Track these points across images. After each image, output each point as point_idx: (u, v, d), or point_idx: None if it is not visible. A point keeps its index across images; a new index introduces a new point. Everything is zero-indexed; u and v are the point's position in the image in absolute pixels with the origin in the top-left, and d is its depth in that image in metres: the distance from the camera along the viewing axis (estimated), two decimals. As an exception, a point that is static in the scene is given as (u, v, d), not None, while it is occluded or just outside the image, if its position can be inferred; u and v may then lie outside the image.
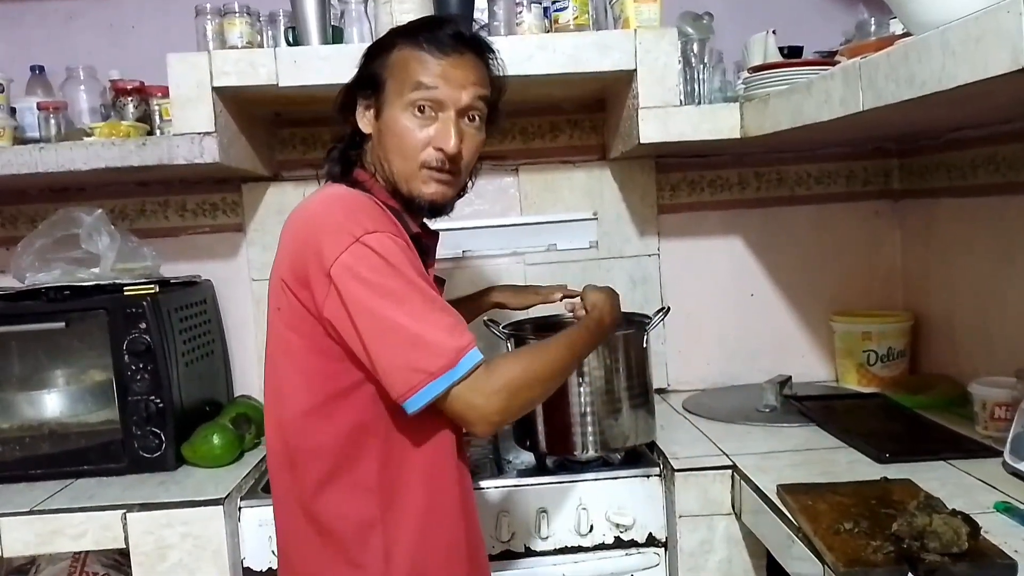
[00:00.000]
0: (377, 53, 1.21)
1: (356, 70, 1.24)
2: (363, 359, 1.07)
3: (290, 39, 1.82)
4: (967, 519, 1.06)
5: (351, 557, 1.13)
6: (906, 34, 1.26)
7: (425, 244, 1.25)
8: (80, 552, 1.72)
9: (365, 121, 1.21)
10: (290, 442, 1.16)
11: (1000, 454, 1.39)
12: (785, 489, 1.33)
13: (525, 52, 1.70)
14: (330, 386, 1.12)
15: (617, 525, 1.58)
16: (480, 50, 1.21)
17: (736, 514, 1.54)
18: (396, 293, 1.04)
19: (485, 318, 1.68)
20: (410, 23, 1.23)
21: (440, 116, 1.16)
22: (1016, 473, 1.33)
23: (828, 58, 1.73)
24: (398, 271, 1.05)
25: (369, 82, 1.20)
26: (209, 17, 1.82)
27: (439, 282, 1.31)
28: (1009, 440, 1.36)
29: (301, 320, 1.11)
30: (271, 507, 1.52)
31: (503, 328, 1.67)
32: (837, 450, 1.59)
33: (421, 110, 1.16)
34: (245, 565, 1.55)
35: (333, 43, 1.78)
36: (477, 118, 1.20)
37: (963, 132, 1.84)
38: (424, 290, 1.07)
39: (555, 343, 1.20)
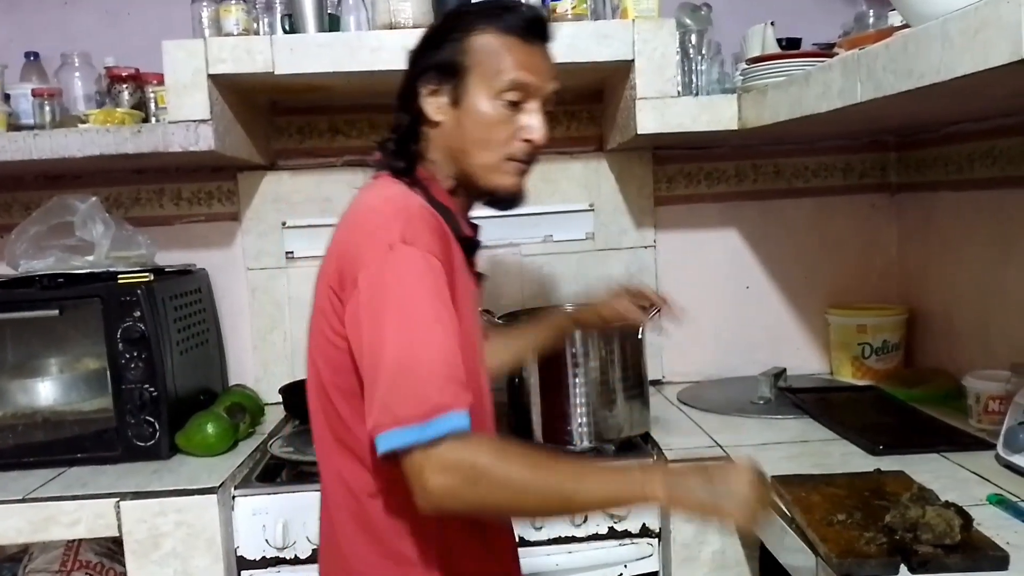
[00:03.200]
0: (449, 36, 1.11)
1: (417, 53, 1.14)
2: (360, 369, 0.99)
3: (286, 26, 1.81)
4: (960, 511, 1.07)
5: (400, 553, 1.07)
6: (905, 26, 1.25)
7: (473, 242, 1.19)
8: (74, 540, 1.72)
9: (434, 109, 1.11)
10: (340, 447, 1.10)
11: (993, 447, 1.40)
12: (779, 481, 1.33)
13: (523, 41, 1.69)
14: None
15: (611, 516, 1.58)
16: (549, 38, 1.16)
17: (730, 505, 1.54)
18: (407, 316, 0.95)
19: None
20: (484, 4, 1.14)
21: (526, 106, 1.11)
22: (1009, 466, 1.34)
23: (826, 50, 1.73)
24: (419, 294, 0.96)
25: (443, 67, 1.10)
26: (205, 4, 1.81)
27: (480, 277, 1.24)
28: (1002, 433, 1.36)
29: (334, 324, 1.05)
30: (265, 496, 1.55)
31: (498, 318, 1.67)
32: (831, 442, 1.59)
33: (512, 100, 1.09)
34: (239, 554, 1.55)
35: (330, 31, 1.77)
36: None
37: (961, 126, 1.84)
38: (436, 324, 0.95)
39: (571, 466, 0.98)
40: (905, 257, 2.17)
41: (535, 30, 1.12)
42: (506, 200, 1.15)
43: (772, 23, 1.89)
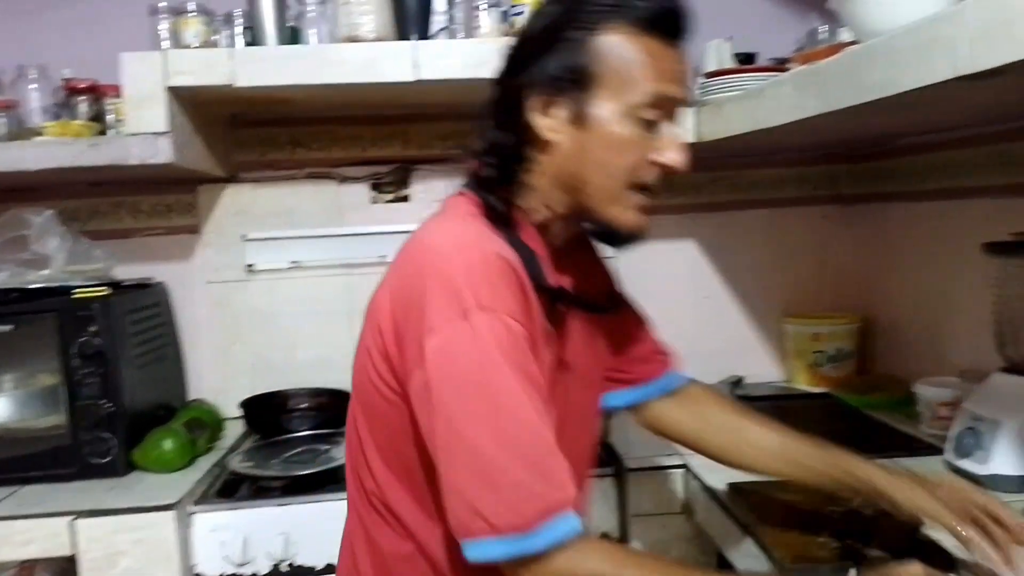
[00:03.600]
0: (568, 33, 0.89)
1: (520, 52, 0.93)
2: (431, 453, 0.85)
3: (247, 39, 1.81)
4: (910, 516, 1.09)
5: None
6: (855, 42, 1.29)
7: (557, 293, 0.97)
8: (27, 561, 1.68)
9: (547, 127, 0.91)
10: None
11: (943, 452, 1.43)
12: (735, 488, 1.36)
13: (484, 56, 1.70)
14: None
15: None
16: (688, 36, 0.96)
17: (688, 513, 1.56)
18: (493, 401, 0.80)
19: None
20: None
21: (664, 124, 0.92)
22: (958, 470, 1.37)
23: (781, 65, 1.77)
24: (504, 372, 0.80)
25: (563, 76, 0.89)
26: (164, 16, 1.80)
27: (614, 301, 1.13)
28: (951, 438, 1.40)
29: (382, 371, 0.92)
30: (224, 512, 1.53)
31: None
32: (788, 450, 1.61)
33: (649, 119, 0.90)
34: (197, 571, 1.53)
35: (291, 44, 1.77)
36: None
37: (910, 139, 1.89)
38: (527, 407, 0.81)
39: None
40: (858, 267, 2.22)
41: (677, 26, 0.92)
42: (627, 238, 0.97)
43: (729, 38, 1.93)
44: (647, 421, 1.25)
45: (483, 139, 0.96)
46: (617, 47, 0.88)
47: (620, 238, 0.97)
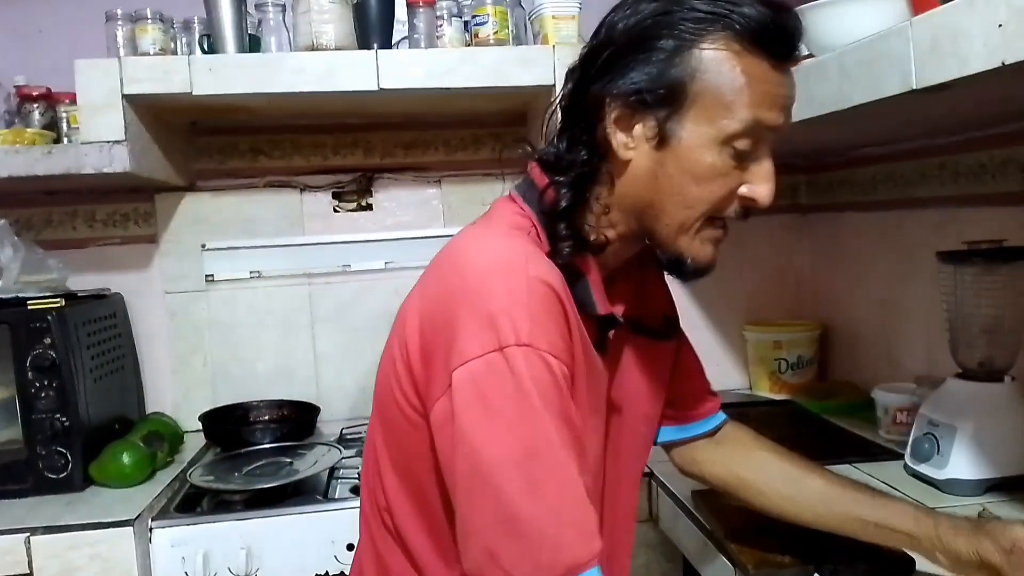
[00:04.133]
0: (659, 40, 0.79)
1: (599, 57, 0.83)
2: (449, 489, 0.79)
3: (205, 47, 1.79)
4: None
5: None
6: (809, 56, 1.32)
7: (609, 321, 0.90)
8: (-21, 579, 1.64)
9: (625, 144, 0.83)
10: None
11: (902, 457, 1.46)
12: (700, 495, 1.37)
13: (447, 65, 1.71)
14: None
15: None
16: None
17: (653, 520, 1.57)
18: (523, 445, 0.73)
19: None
20: (705, 3, 0.79)
21: (758, 156, 0.84)
22: (916, 475, 1.40)
23: (739, 77, 1.79)
24: (538, 416, 0.73)
25: (651, 91, 0.80)
26: (120, 23, 1.77)
27: (671, 326, 1.05)
28: (910, 443, 1.43)
29: (406, 387, 0.84)
30: (184, 527, 1.51)
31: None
32: (750, 456, 1.63)
33: (743, 149, 0.82)
34: (157, 587, 1.51)
35: (250, 52, 1.76)
36: None
37: (864, 150, 1.93)
38: (560, 454, 0.74)
39: None
40: (817, 275, 2.26)
41: (790, 45, 0.82)
42: (693, 272, 0.90)
43: (688, 50, 1.96)
44: (685, 463, 1.19)
45: (554, 151, 0.88)
46: (719, 63, 0.79)
47: (686, 271, 0.89)
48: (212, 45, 1.74)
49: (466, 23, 1.82)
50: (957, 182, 1.65)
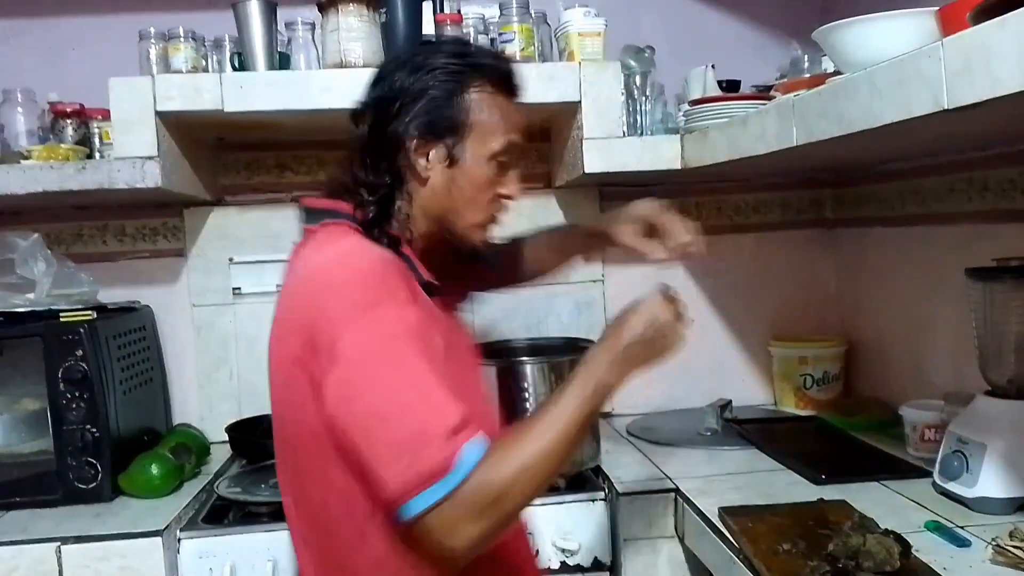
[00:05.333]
0: (441, 87, 1.05)
1: (395, 98, 1.06)
2: (352, 449, 0.92)
3: (236, 64, 1.81)
4: (899, 538, 1.10)
5: None
6: (837, 72, 1.32)
7: (432, 286, 1.10)
8: (10, 588, 1.66)
9: (424, 166, 1.06)
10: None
11: (930, 474, 1.45)
12: (726, 512, 1.36)
13: (472, 82, 1.72)
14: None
15: (563, 550, 1.59)
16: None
17: (679, 537, 1.57)
18: (404, 377, 0.91)
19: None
20: (473, 54, 1.10)
21: (510, 165, 1.11)
22: (945, 493, 1.39)
23: (764, 92, 1.80)
24: (410, 351, 0.92)
25: (440, 124, 1.05)
26: (153, 41, 1.81)
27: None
28: (938, 461, 1.41)
29: (304, 394, 0.98)
30: (211, 538, 1.52)
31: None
32: (776, 472, 1.63)
33: (503, 162, 1.09)
34: (184, 598, 1.52)
35: (280, 69, 1.78)
36: None
37: (891, 165, 1.92)
38: (431, 375, 0.92)
39: (549, 413, 0.96)
40: (842, 290, 2.24)
41: (518, 86, 1.12)
42: (475, 252, 1.17)
43: (713, 66, 1.96)
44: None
45: (354, 179, 1.08)
46: (483, 103, 1.07)
47: (471, 251, 1.16)
48: (243, 63, 1.77)
49: (492, 40, 1.84)
50: (985, 198, 1.63)
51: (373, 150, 1.08)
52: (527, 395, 1.60)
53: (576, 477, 1.67)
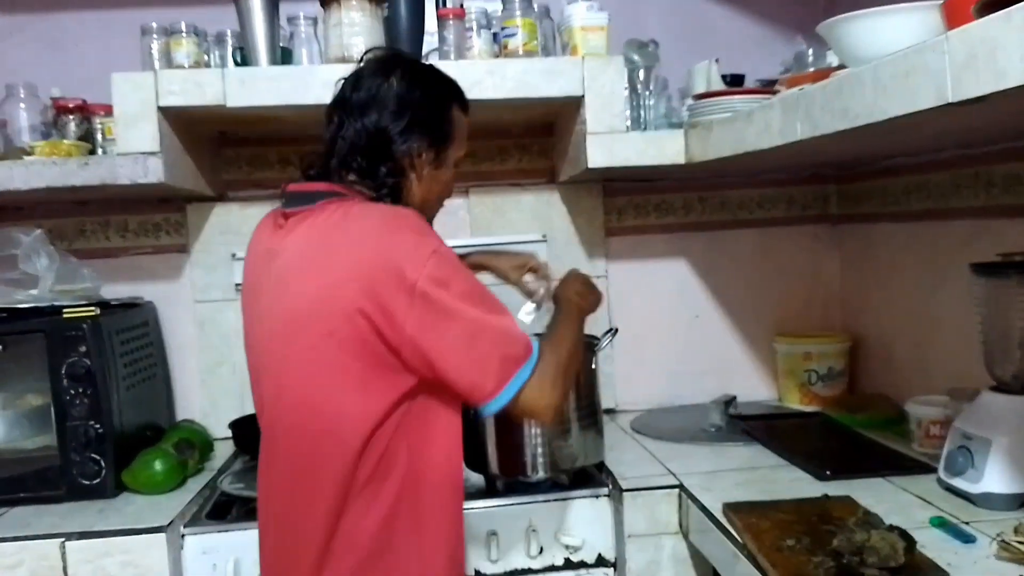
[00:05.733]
0: (433, 102, 1.25)
1: (394, 104, 1.21)
2: (442, 369, 1.10)
3: (238, 59, 1.81)
4: (904, 534, 1.10)
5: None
6: (842, 66, 1.31)
7: None
8: (14, 584, 1.67)
9: (421, 167, 1.24)
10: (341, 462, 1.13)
11: (935, 470, 1.44)
12: (730, 507, 1.36)
13: (475, 77, 1.72)
14: (391, 396, 1.13)
15: (567, 546, 1.58)
16: None
17: (683, 533, 1.56)
18: (477, 295, 1.13)
19: None
20: (445, 79, 1.31)
21: (456, 167, 1.34)
22: (950, 489, 1.38)
23: (768, 87, 1.79)
24: (470, 276, 1.16)
25: (438, 134, 1.25)
26: (155, 36, 1.81)
27: None
28: (943, 457, 1.41)
29: (363, 344, 1.09)
30: (215, 534, 1.52)
31: None
32: (780, 468, 1.62)
33: (454, 164, 1.32)
34: (188, 594, 1.52)
35: (282, 64, 1.78)
36: None
37: (896, 160, 1.92)
38: (488, 291, 1.17)
39: (565, 329, 1.31)
40: (847, 286, 2.24)
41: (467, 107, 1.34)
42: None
43: (717, 60, 1.96)
44: None
45: (357, 169, 1.22)
46: (458, 120, 1.30)
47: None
48: (245, 58, 1.77)
49: (495, 35, 1.83)
50: (990, 193, 1.63)
51: (374, 153, 1.21)
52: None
53: (580, 473, 1.67)
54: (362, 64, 1.28)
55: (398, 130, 1.21)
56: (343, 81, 1.27)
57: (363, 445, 1.11)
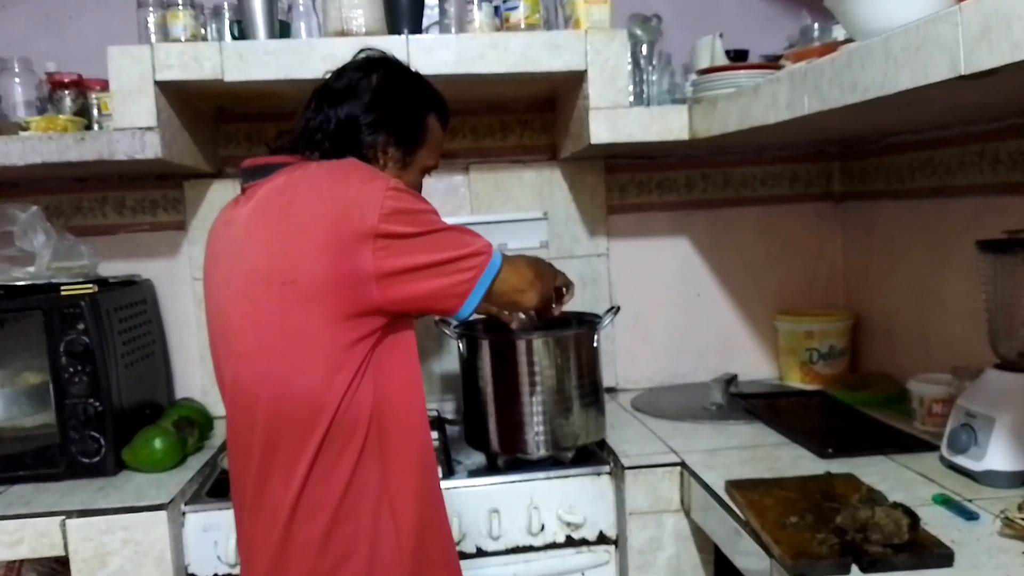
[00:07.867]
0: (411, 103, 1.28)
1: (384, 107, 1.24)
2: (413, 298, 1.11)
3: (235, 33, 1.79)
4: (907, 511, 1.10)
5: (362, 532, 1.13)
6: (848, 40, 1.29)
7: None
8: (15, 561, 1.66)
9: (383, 159, 1.25)
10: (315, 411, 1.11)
11: (937, 448, 1.44)
12: (733, 485, 1.36)
13: (476, 51, 1.70)
14: (356, 337, 1.11)
15: (568, 524, 1.59)
16: None
17: (685, 511, 1.56)
18: (435, 219, 1.14)
19: (437, 317, 1.66)
20: (428, 88, 1.33)
21: (429, 172, 1.36)
22: (953, 466, 1.38)
23: (773, 62, 1.77)
24: (426, 203, 1.15)
25: (407, 134, 1.26)
26: (151, 9, 1.78)
27: None
28: (946, 435, 1.41)
29: (326, 290, 1.08)
30: (216, 511, 1.52)
31: (454, 328, 1.67)
32: (782, 446, 1.62)
33: (425, 173, 1.34)
34: (190, 571, 1.52)
35: (280, 37, 1.75)
36: None
37: (902, 136, 1.90)
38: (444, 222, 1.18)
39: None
40: (849, 264, 2.23)
41: (448, 120, 1.36)
42: None
43: (721, 35, 1.93)
44: None
45: (327, 152, 1.22)
46: (433, 130, 1.31)
47: None
48: (242, 31, 1.74)
49: (497, 8, 1.80)
50: (996, 170, 1.61)
51: (343, 133, 1.23)
52: (535, 369, 1.59)
53: (581, 451, 1.67)
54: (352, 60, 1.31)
55: (367, 121, 1.23)
56: (330, 72, 1.30)
57: (332, 396, 1.09)
